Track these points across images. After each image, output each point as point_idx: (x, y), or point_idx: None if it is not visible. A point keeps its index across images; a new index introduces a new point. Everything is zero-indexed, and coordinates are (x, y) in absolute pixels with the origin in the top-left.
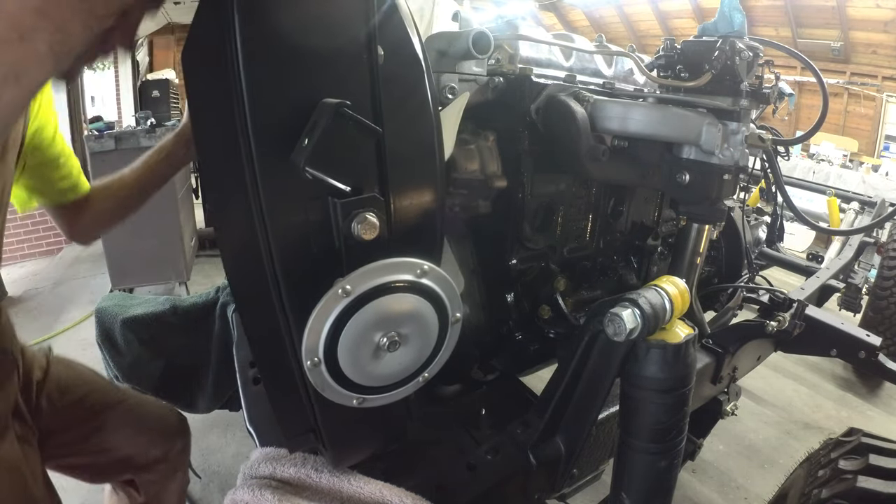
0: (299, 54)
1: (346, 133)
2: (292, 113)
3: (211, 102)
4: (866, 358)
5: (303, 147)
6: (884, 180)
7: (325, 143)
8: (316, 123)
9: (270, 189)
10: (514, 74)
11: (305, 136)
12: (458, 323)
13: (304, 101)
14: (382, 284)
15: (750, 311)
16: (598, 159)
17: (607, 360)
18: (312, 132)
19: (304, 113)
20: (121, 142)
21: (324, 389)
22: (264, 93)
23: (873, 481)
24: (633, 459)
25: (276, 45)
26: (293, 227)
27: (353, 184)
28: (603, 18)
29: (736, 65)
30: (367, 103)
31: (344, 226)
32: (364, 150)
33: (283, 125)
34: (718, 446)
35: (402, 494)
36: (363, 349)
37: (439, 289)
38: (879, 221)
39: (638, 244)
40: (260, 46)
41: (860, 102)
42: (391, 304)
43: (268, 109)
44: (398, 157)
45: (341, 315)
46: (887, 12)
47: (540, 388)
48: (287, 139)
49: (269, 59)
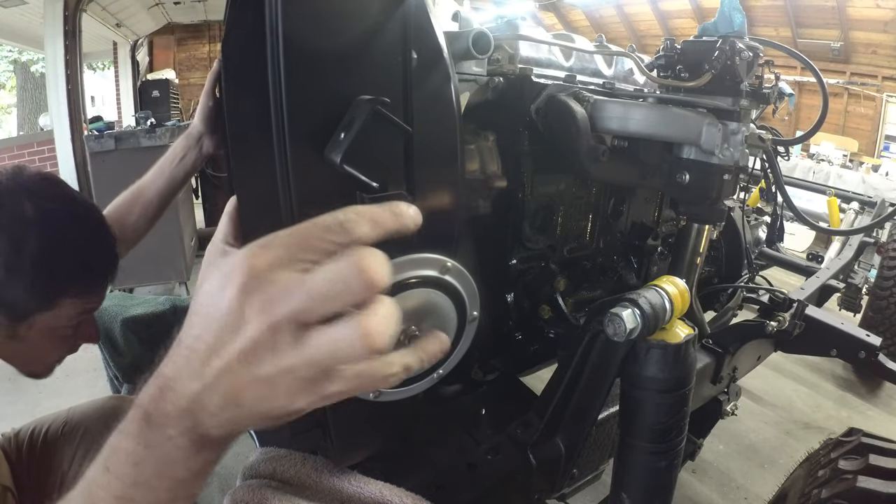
0: (338, 52)
1: (378, 132)
2: (328, 109)
3: (248, 94)
4: (866, 358)
5: (339, 141)
6: (884, 180)
7: (359, 140)
8: (353, 119)
9: (302, 182)
10: (514, 74)
11: (342, 130)
12: (475, 322)
13: (340, 98)
14: (408, 279)
15: (750, 311)
16: (598, 159)
17: (607, 361)
18: (350, 127)
19: (338, 110)
20: (121, 142)
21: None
22: (302, 88)
23: (873, 481)
24: (633, 459)
25: (316, 42)
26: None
27: (382, 181)
28: (603, 18)
29: (736, 65)
30: (400, 104)
31: None
32: (394, 148)
33: (318, 121)
34: (718, 446)
35: (402, 494)
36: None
37: (460, 286)
38: (879, 221)
39: (638, 244)
40: (300, 42)
41: (860, 102)
42: (415, 298)
43: (305, 104)
44: (424, 157)
45: None
46: (887, 12)
47: (540, 388)
48: (321, 135)
49: (308, 56)
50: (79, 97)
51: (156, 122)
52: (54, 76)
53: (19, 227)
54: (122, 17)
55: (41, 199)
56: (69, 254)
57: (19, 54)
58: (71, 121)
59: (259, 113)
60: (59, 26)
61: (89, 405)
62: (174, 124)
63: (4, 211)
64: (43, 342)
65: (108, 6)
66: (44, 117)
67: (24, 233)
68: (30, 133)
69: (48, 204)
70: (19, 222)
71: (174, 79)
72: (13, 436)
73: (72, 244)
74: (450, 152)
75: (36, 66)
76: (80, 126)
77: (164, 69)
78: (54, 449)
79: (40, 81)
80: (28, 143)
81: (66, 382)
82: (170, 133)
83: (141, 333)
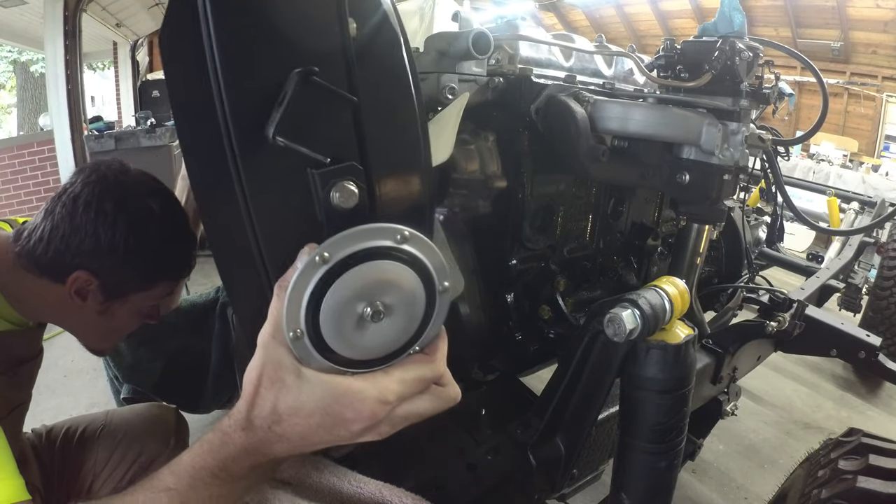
0: (270, 27)
1: (322, 105)
2: (266, 87)
3: (189, 82)
4: (866, 358)
5: (273, 117)
6: (884, 180)
7: (300, 115)
8: (286, 92)
9: (249, 164)
10: (513, 75)
11: (276, 105)
12: (445, 293)
13: (277, 75)
14: (360, 250)
15: (750, 311)
16: (598, 159)
17: (607, 361)
18: (282, 101)
19: (278, 87)
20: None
21: (308, 363)
22: (237, 68)
23: (873, 481)
24: (633, 459)
25: (245, 18)
26: (274, 201)
27: (333, 155)
28: (603, 18)
29: (736, 65)
30: (342, 74)
31: (323, 195)
32: (341, 121)
33: (257, 100)
34: (718, 446)
35: (402, 494)
36: (346, 320)
37: (423, 255)
38: (879, 221)
39: (638, 244)
40: (230, 20)
41: (860, 102)
42: (371, 271)
43: (241, 84)
44: (377, 127)
45: (321, 283)
46: (887, 12)
47: (540, 388)
48: (263, 114)
49: (239, 34)
50: (79, 97)
51: (156, 122)
52: (54, 76)
53: (144, 221)
54: (122, 17)
55: (161, 196)
56: (177, 245)
57: (19, 54)
58: (71, 121)
59: (202, 104)
60: (59, 26)
61: (129, 411)
62: (174, 124)
63: (130, 205)
64: (125, 318)
65: (108, 6)
66: (44, 117)
67: (148, 226)
68: (30, 133)
69: (167, 203)
70: (145, 217)
71: None
72: (45, 432)
73: (180, 237)
74: (407, 122)
75: (36, 66)
76: (80, 126)
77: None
78: (89, 450)
79: (40, 81)
80: (28, 142)
81: (66, 383)
82: (170, 133)
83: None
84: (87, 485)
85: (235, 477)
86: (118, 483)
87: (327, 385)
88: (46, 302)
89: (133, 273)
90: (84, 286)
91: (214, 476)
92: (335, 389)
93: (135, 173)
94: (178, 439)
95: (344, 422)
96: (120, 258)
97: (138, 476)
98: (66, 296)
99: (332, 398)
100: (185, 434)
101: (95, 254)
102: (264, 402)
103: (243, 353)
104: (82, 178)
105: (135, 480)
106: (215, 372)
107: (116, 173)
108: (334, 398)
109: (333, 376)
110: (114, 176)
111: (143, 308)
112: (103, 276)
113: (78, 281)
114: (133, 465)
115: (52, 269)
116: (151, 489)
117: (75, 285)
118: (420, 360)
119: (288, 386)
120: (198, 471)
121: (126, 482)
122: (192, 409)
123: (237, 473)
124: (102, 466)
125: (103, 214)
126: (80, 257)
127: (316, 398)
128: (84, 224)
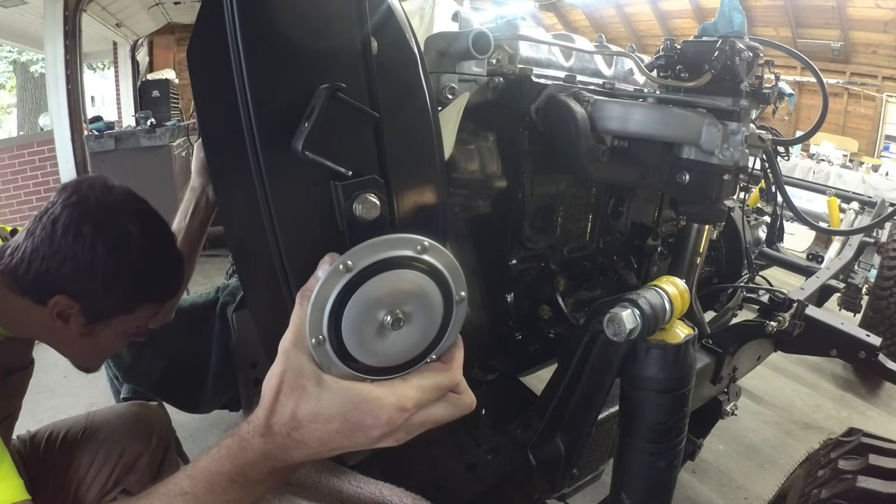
0: (296, 47)
1: (346, 120)
2: (292, 102)
3: (216, 97)
4: (866, 358)
5: (301, 130)
6: (884, 180)
7: (325, 129)
8: (313, 107)
9: (274, 176)
10: (514, 74)
11: (304, 120)
12: (462, 302)
13: (303, 91)
14: (383, 259)
15: (750, 311)
16: (598, 159)
17: (607, 361)
18: (310, 115)
19: (303, 102)
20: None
21: (329, 369)
22: (265, 84)
23: (873, 481)
24: (633, 459)
25: (273, 39)
26: (297, 211)
27: (354, 168)
28: (603, 18)
29: (736, 65)
30: (364, 91)
31: (346, 207)
32: (363, 135)
33: (284, 114)
34: (718, 446)
35: (402, 494)
36: (367, 327)
37: (441, 265)
38: (879, 221)
39: (638, 244)
40: (259, 41)
41: (860, 102)
42: (392, 280)
43: (269, 100)
44: (396, 142)
45: (344, 291)
46: (887, 12)
47: (540, 388)
48: (289, 128)
49: (267, 53)
50: (79, 97)
51: (156, 122)
52: (54, 76)
53: (124, 245)
54: (122, 17)
55: (142, 219)
56: (160, 269)
57: (19, 54)
58: (71, 121)
59: (229, 117)
60: (59, 26)
61: (109, 411)
62: (174, 124)
63: (110, 228)
64: (110, 339)
65: (108, 6)
66: (44, 117)
67: (128, 250)
68: (30, 133)
69: (148, 225)
70: (125, 241)
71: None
72: (29, 439)
73: (163, 260)
74: (424, 137)
75: (36, 66)
76: (80, 126)
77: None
78: (72, 453)
79: (40, 81)
80: (28, 142)
81: (66, 383)
82: (170, 133)
83: None
84: (72, 489)
85: (253, 482)
86: (104, 485)
87: (347, 392)
88: (30, 321)
89: (114, 297)
90: (65, 310)
91: (232, 481)
92: (355, 396)
93: (118, 193)
94: (160, 437)
95: (363, 428)
96: (100, 282)
97: (123, 477)
98: (48, 317)
99: (352, 404)
100: (166, 431)
101: (75, 277)
102: (284, 409)
103: (243, 354)
104: (63, 198)
105: (119, 481)
106: (215, 372)
107: (98, 194)
108: (354, 405)
109: (353, 383)
110: (95, 197)
111: (128, 329)
112: (84, 300)
113: (58, 305)
114: (116, 466)
115: (34, 291)
116: (167, 493)
117: (56, 308)
118: (437, 368)
119: (308, 392)
120: (215, 475)
121: (111, 483)
122: (192, 408)
123: (255, 479)
124: (87, 470)
125: (82, 238)
126: (61, 280)
127: (336, 404)
128: (63, 248)
